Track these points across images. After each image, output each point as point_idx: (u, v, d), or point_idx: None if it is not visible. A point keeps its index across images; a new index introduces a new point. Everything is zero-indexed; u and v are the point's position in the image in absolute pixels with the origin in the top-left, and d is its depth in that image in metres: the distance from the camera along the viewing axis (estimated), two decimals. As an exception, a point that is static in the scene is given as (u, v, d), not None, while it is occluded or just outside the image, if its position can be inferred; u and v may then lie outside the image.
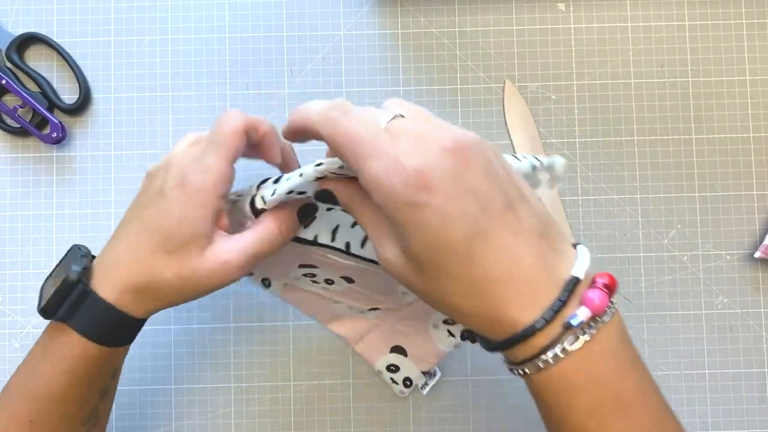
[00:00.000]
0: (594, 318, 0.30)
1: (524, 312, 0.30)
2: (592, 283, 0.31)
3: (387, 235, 0.33)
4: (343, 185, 0.35)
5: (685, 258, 0.53)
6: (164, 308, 0.39)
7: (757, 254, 0.52)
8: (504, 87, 0.54)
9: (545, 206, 0.33)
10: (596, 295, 0.30)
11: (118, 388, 0.43)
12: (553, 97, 0.54)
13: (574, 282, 0.30)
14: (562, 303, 0.30)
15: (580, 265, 0.31)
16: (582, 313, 0.29)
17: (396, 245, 0.32)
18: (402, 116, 0.32)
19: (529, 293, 0.30)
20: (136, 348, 0.44)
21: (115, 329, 0.38)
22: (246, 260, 0.38)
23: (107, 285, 0.37)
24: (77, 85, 0.53)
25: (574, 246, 0.32)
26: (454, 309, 0.31)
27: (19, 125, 0.53)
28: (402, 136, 0.31)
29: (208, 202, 0.37)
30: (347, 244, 0.41)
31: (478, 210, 0.30)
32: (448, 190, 0.29)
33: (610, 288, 0.30)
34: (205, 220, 0.37)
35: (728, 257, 0.53)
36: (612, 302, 0.31)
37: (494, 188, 0.30)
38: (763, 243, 0.52)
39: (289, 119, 0.35)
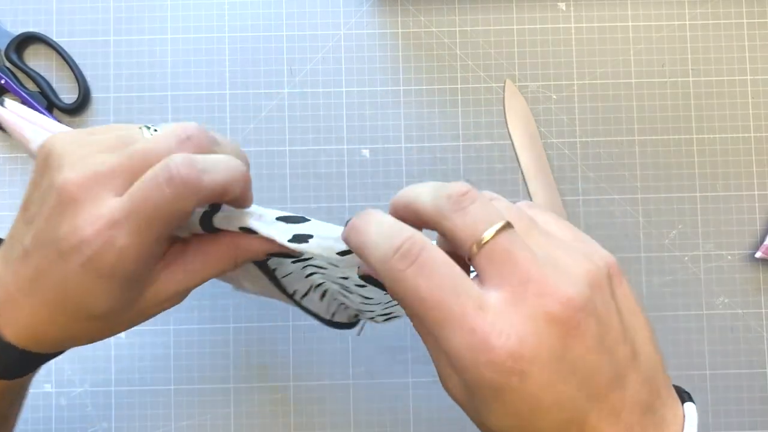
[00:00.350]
0: None
1: None
2: None
3: (457, 382, 0.27)
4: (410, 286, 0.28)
5: (686, 258, 0.53)
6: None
7: (758, 254, 0.52)
8: (504, 87, 0.54)
9: (655, 349, 0.27)
10: None
11: (118, 388, 0.43)
12: (554, 96, 0.54)
13: None
14: None
15: None
16: None
17: (466, 395, 0.27)
18: (510, 226, 0.25)
19: None
20: (135, 348, 0.44)
21: (17, 365, 0.31)
22: (191, 289, 0.32)
23: (12, 328, 0.30)
24: (76, 84, 0.53)
25: (682, 399, 0.27)
26: None
27: (18, 125, 0.53)
28: (498, 278, 0.25)
29: (126, 282, 0.29)
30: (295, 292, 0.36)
31: (577, 394, 0.24)
32: (546, 376, 0.24)
33: None
34: (130, 292, 0.30)
35: (729, 257, 0.53)
36: None
37: (603, 359, 0.24)
38: (764, 243, 0.52)
39: (349, 240, 0.28)
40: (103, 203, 0.27)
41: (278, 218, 0.32)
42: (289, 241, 0.31)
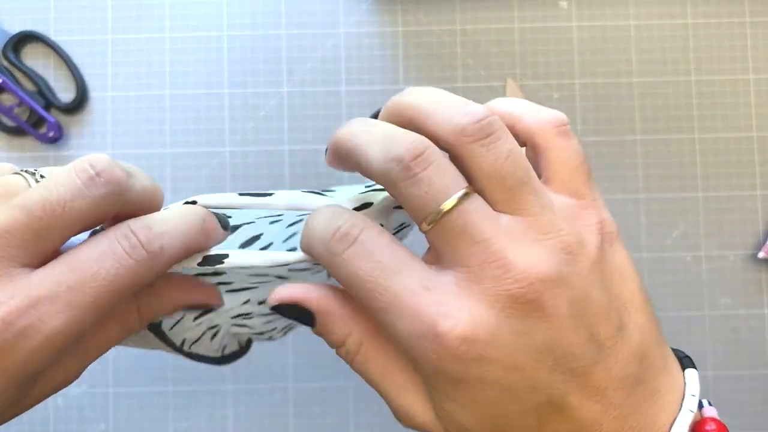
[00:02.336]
0: None
1: None
2: None
3: (422, 396, 0.24)
4: (333, 304, 0.25)
5: (689, 258, 0.53)
6: None
7: (761, 254, 0.52)
8: (506, 85, 0.54)
9: (648, 316, 0.24)
10: None
11: (116, 389, 0.42)
12: (555, 95, 0.54)
13: None
14: None
15: (684, 416, 0.23)
16: None
17: (428, 405, 0.24)
18: (469, 195, 0.22)
19: None
20: (133, 349, 0.44)
21: None
22: (89, 363, 0.26)
23: None
24: (74, 83, 0.53)
25: (682, 364, 0.25)
26: None
27: (15, 124, 0.53)
28: (452, 257, 0.22)
29: (30, 378, 0.23)
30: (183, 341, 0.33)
31: (552, 375, 0.22)
32: (511, 359, 0.21)
33: None
34: (22, 390, 0.23)
35: (732, 258, 0.53)
36: None
37: (580, 335, 0.22)
38: (767, 243, 0.52)
39: (303, 241, 0.25)
40: (11, 279, 0.21)
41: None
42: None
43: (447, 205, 0.22)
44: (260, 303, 0.33)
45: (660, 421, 0.23)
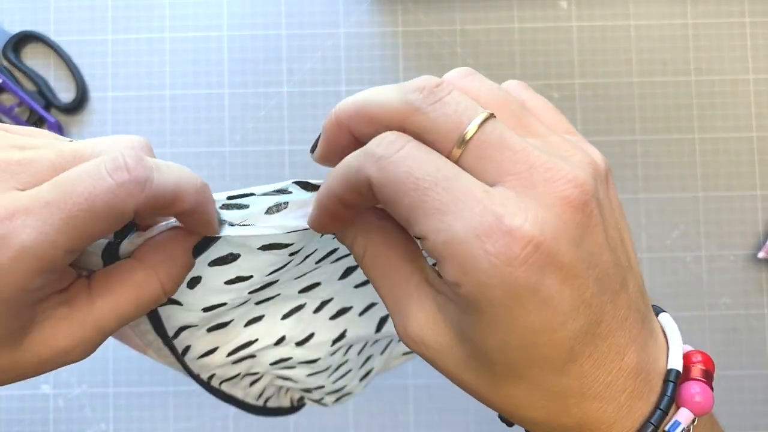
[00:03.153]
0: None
1: (616, 426, 0.23)
2: (687, 371, 0.24)
3: (428, 308, 0.23)
4: (345, 219, 0.24)
5: (689, 259, 0.53)
6: None
7: (761, 254, 0.52)
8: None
9: (637, 258, 0.24)
10: (698, 391, 0.23)
11: (116, 389, 0.42)
12: (555, 95, 0.54)
13: (674, 380, 0.23)
14: (663, 413, 0.23)
15: (675, 350, 0.23)
16: (684, 418, 0.23)
17: (448, 329, 0.22)
18: (493, 116, 0.21)
19: (626, 404, 0.22)
20: (133, 350, 0.44)
21: None
22: (102, 337, 0.24)
23: None
24: (74, 83, 0.53)
25: (654, 309, 0.25)
26: (523, 419, 0.23)
27: (15, 124, 0.53)
28: (497, 170, 0.21)
29: (11, 303, 0.22)
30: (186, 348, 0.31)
31: (592, 296, 0.21)
32: (569, 269, 0.20)
33: (710, 375, 0.24)
34: (12, 322, 0.22)
35: (732, 258, 0.53)
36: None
37: (611, 255, 0.21)
38: (767, 243, 0.52)
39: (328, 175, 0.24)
40: (3, 194, 0.21)
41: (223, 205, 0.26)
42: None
43: (478, 119, 0.21)
44: (298, 344, 0.32)
45: (660, 359, 0.23)
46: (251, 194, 0.26)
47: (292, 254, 0.27)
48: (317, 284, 0.31)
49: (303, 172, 0.53)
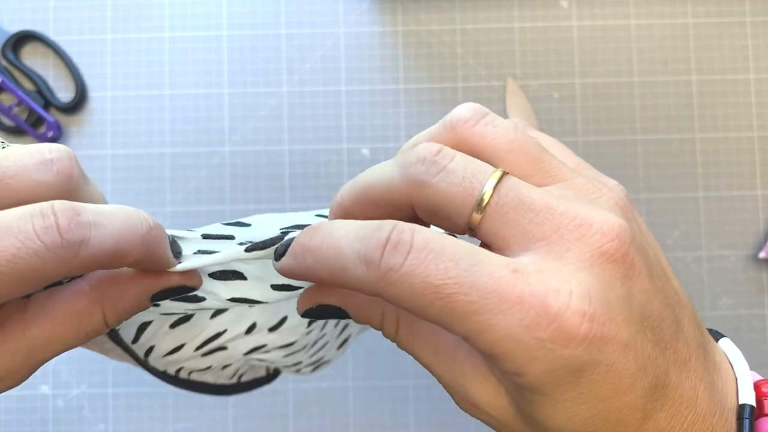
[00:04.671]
0: None
1: None
2: (761, 405, 0.21)
3: (485, 380, 0.21)
4: (373, 300, 0.22)
5: (689, 259, 0.53)
6: None
7: (762, 254, 0.52)
8: (506, 85, 0.53)
9: (680, 284, 0.22)
10: None
11: (115, 390, 0.42)
12: (556, 95, 0.53)
13: (749, 416, 0.21)
14: None
15: (744, 381, 0.21)
16: None
17: (510, 404, 0.21)
18: (506, 174, 0.20)
19: None
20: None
21: None
22: (34, 367, 0.22)
23: None
24: (73, 83, 0.53)
25: (711, 335, 0.23)
26: None
27: (14, 124, 0.52)
28: (523, 236, 0.19)
29: None
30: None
31: (654, 349, 0.19)
32: (625, 334, 0.18)
33: None
34: None
35: (732, 258, 0.53)
36: None
37: (660, 299, 0.20)
38: (768, 243, 0.52)
39: (296, 267, 0.21)
40: None
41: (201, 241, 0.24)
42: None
43: (492, 182, 0.19)
44: (271, 330, 0.31)
45: (729, 393, 0.21)
46: (232, 237, 0.24)
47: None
48: None
49: (302, 172, 0.53)
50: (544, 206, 0.19)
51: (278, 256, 0.21)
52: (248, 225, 0.25)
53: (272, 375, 0.37)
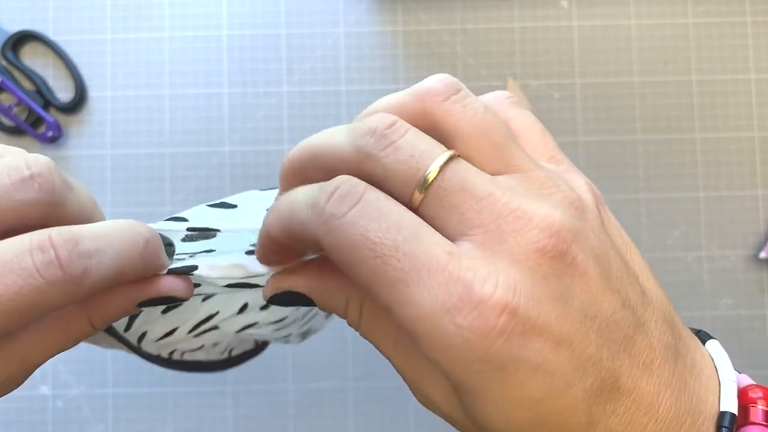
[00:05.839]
0: None
1: None
2: (746, 412, 0.20)
3: (438, 377, 0.21)
4: (325, 277, 0.22)
5: (689, 259, 0.53)
6: None
7: (762, 255, 0.52)
8: (506, 85, 0.53)
9: (657, 283, 0.22)
10: None
11: (115, 390, 0.42)
12: (556, 95, 0.53)
13: (729, 425, 0.20)
14: None
15: (728, 387, 0.20)
16: None
17: (452, 399, 0.20)
18: (457, 157, 0.19)
19: None
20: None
21: None
22: (29, 371, 0.22)
23: None
24: (73, 83, 0.53)
25: (698, 336, 0.23)
26: None
27: (14, 124, 0.52)
28: (460, 221, 0.19)
29: None
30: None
31: (599, 350, 0.18)
32: (556, 332, 0.18)
33: None
34: None
35: (733, 258, 0.53)
36: None
37: (615, 300, 0.19)
38: (768, 243, 0.51)
39: (268, 223, 0.21)
40: None
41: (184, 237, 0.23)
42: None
43: (438, 162, 0.19)
44: (263, 308, 0.31)
45: (708, 399, 0.20)
46: (217, 230, 0.24)
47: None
48: None
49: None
50: (487, 194, 0.18)
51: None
52: (234, 206, 0.25)
53: (261, 346, 0.37)
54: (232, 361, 0.36)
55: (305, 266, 0.22)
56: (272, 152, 0.53)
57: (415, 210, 0.19)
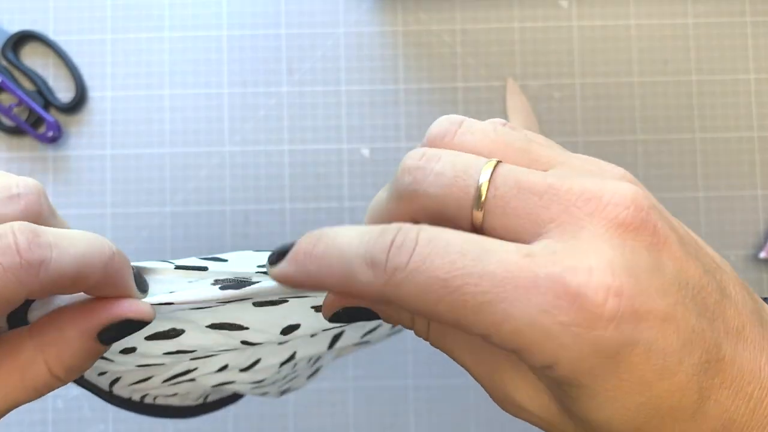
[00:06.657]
0: None
1: None
2: None
3: (525, 377, 0.20)
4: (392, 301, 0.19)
5: (689, 258, 0.53)
6: None
7: (762, 255, 0.52)
8: (506, 85, 0.53)
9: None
10: None
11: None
12: (556, 95, 0.53)
13: None
14: None
15: None
16: None
17: (552, 401, 0.19)
18: (499, 162, 0.19)
19: None
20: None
21: None
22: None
23: None
24: (73, 83, 0.53)
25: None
26: None
27: (14, 124, 0.52)
28: (531, 224, 0.18)
29: None
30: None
31: (699, 321, 0.17)
32: (662, 308, 0.16)
33: None
34: None
35: (733, 258, 0.53)
36: None
37: (698, 266, 0.18)
38: (768, 243, 0.51)
39: (302, 276, 0.19)
40: None
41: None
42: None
43: (485, 175, 0.18)
44: (242, 370, 0.30)
45: None
46: (205, 268, 0.23)
47: (244, 343, 0.24)
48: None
49: (302, 172, 0.53)
50: (546, 187, 0.17)
51: (273, 261, 0.20)
52: (225, 260, 0.24)
53: (238, 395, 0.36)
54: (206, 407, 0.35)
55: None
56: (272, 152, 0.53)
57: (479, 229, 0.18)
